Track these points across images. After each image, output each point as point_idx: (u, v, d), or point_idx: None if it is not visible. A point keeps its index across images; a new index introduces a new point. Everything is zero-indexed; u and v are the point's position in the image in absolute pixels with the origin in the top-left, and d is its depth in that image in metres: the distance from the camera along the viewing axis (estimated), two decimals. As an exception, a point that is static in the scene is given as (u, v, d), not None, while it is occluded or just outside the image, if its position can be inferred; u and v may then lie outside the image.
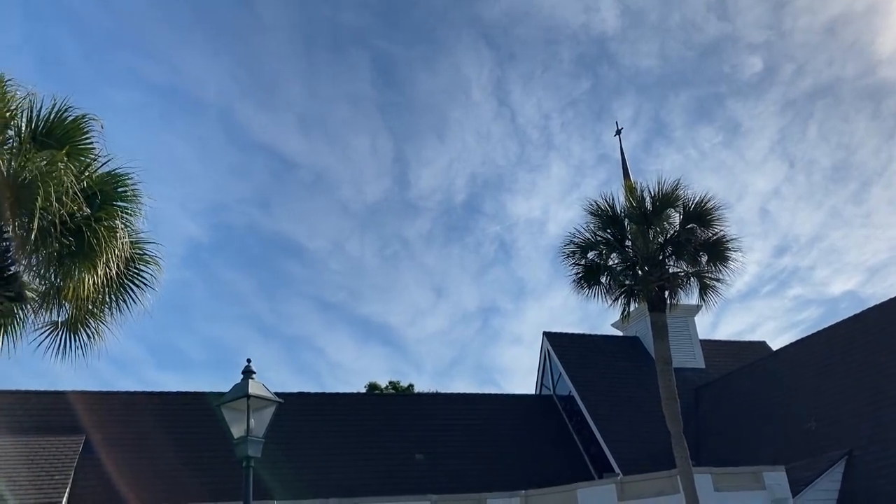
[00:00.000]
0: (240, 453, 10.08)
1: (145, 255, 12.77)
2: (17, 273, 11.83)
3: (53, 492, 20.24)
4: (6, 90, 11.49)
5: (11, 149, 11.39)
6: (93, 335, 12.92)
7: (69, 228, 11.23)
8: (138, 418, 24.74)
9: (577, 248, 18.88)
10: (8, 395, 24.40)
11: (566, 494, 22.16)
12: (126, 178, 12.25)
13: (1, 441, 22.14)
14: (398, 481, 24.17)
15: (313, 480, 23.11)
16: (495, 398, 30.66)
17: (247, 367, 10.62)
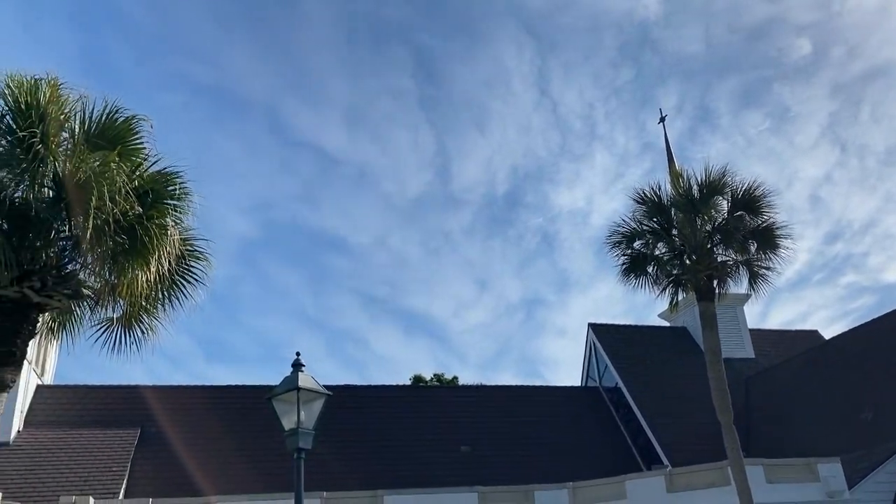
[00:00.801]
0: (291, 445, 10.23)
1: (196, 251, 13.04)
2: (73, 271, 12.19)
3: (112, 483, 20.87)
4: (60, 93, 11.84)
5: (66, 150, 11.73)
6: (147, 330, 13.26)
7: (122, 227, 11.52)
8: (191, 411, 25.32)
9: (623, 237, 18.66)
10: (67, 390, 25.22)
11: (614, 486, 22.01)
12: (176, 176, 12.51)
13: (61, 434, 22.91)
14: (444, 473, 24.29)
15: (362, 472, 23.37)
16: (540, 390, 30.56)
17: (296, 360, 10.76)
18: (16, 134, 11.25)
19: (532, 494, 22.20)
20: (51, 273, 11.74)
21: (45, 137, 11.14)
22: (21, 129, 11.17)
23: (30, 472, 20.93)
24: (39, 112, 11.25)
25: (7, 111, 11.50)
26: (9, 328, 11.51)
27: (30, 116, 11.18)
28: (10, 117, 11.48)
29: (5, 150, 11.35)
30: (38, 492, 19.96)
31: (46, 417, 23.73)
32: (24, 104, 11.30)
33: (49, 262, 11.80)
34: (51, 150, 11.24)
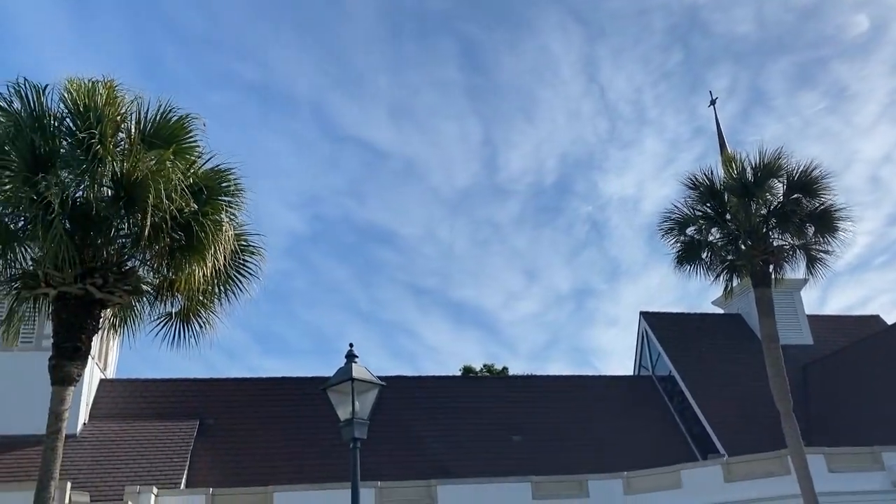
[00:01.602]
0: (346, 435, 10.37)
1: (249, 246, 13.32)
2: (133, 268, 12.58)
3: (173, 473, 21.46)
4: (116, 95, 12.18)
5: (123, 150, 12.07)
6: (204, 324, 13.61)
7: (179, 223, 11.84)
8: (247, 403, 25.85)
9: (676, 224, 18.38)
10: (128, 384, 26.00)
11: (670, 476, 21.75)
12: (228, 173, 12.79)
13: (124, 426, 23.65)
14: (497, 463, 24.30)
15: (414, 462, 23.55)
16: (592, 380, 30.30)
17: (349, 351, 10.89)
18: (76, 136, 11.65)
19: (586, 484, 22.08)
20: (112, 270, 12.13)
21: (102, 138, 11.48)
22: (80, 130, 11.55)
23: (96, 463, 21.65)
24: (97, 114, 11.60)
25: (67, 114, 11.91)
26: (73, 324, 11.94)
27: (88, 118, 11.55)
28: (69, 120, 11.88)
29: (66, 151, 11.76)
30: (105, 482, 20.63)
31: (110, 410, 24.51)
32: (82, 106, 11.68)
33: (110, 260, 12.20)
34: (108, 150, 11.59)
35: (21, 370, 21.61)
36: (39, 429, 20.42)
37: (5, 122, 11.64)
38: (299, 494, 20.20)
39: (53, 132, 11.80)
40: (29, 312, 12.81)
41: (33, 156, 11.39)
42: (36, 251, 11.89)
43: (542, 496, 21.66)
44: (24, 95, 11.68)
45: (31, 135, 11.46)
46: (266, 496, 20.02)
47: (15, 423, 21.62)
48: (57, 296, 11.76)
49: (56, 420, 11.43)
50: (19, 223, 11.87)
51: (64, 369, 11.62)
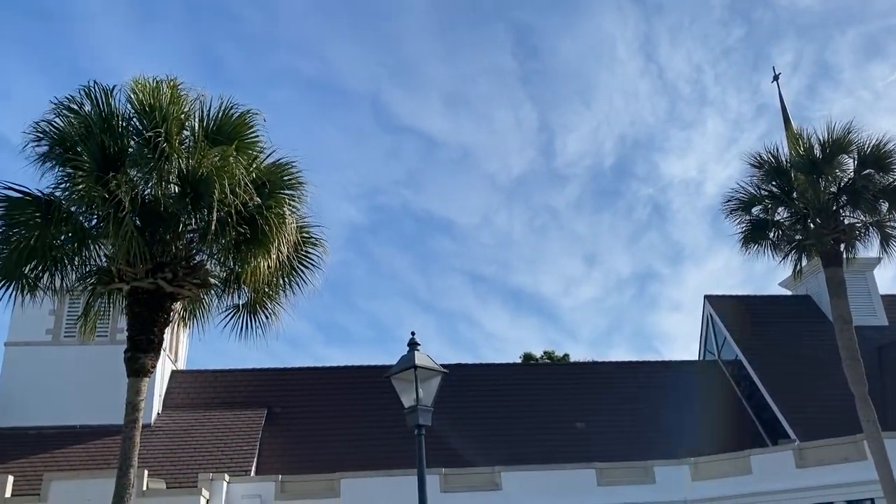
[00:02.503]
0: (411, 422, 10.44)
1: (312, 238, 13.54)
2: (201, 262, 12.92)
3: (243, 461, 22.07)
4: (179, 94, 12.49)
5: (188, 147, 12.38)
6: (270, 315, 13.91)
7: (243, 217, 12.09)
8: (313, 392, 26.37)
9: (741, 204, 17.88)
10: (198, 375, 26.81)
11: (739, 462, 21.31)
12: (290, 167, 12.99)
13: (195, 415, 24.41)
14: (560, 450, 24.22)
15: (478, 450, 23.63)
16: (656, 365, 29.85)
17: (412, 339, 10.95)
18: (143, 135, 12.00)
19: (651, 470, 21.83)
20: (181, 264, 12.49)
21: (168, 136, 11.80)
22: (147, 129, 11.89)
23: (170, 451, 22.44)
24: (162, 113, 11.92)
25: (134, 114, 12.26)
26: (146, 317, 12.35)
27: (154, 117, 11.88)
28: (136, 119, 12.24)
29: (134, 150, 12.12)
30: (179, 470, 21.36)
31: (181, 400, 25.33)
32: (147, 106, 12.01)
33: (178, 254, 12.56)
34: (174, 148, 11.90)
35: (98, 363, 22.52)
36: (116, 419, 21.35)
37: (77, 124, 12.06)
38: (365, 481, 20.52)
39: (122, 132, 12.18)
40: (103, 307, 13.31)
41: (104, 156, 11.79)
42: (109, 248, 12.31)
43: (606, 483, 21.50)
44: (93, 98, 12.07)
45: (101, 135, 11.84)
46: (333, 483, 20.40)
47: (93, 413, 22.58)
48: (130, 290, 12.18)
49: (133, 410, 11.86)
50: (92, 221, 12.31)
51: (139, 361, 12.05)
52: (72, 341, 23.59)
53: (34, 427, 22.49)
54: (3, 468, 20.02)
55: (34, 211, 11.84)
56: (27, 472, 19.86)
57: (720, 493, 21.12)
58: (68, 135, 11.97)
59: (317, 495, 20.16)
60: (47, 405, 22.87)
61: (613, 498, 21.18)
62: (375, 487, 20.40)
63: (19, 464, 20.72)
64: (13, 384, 23.19)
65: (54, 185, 12.07)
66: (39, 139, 12.17)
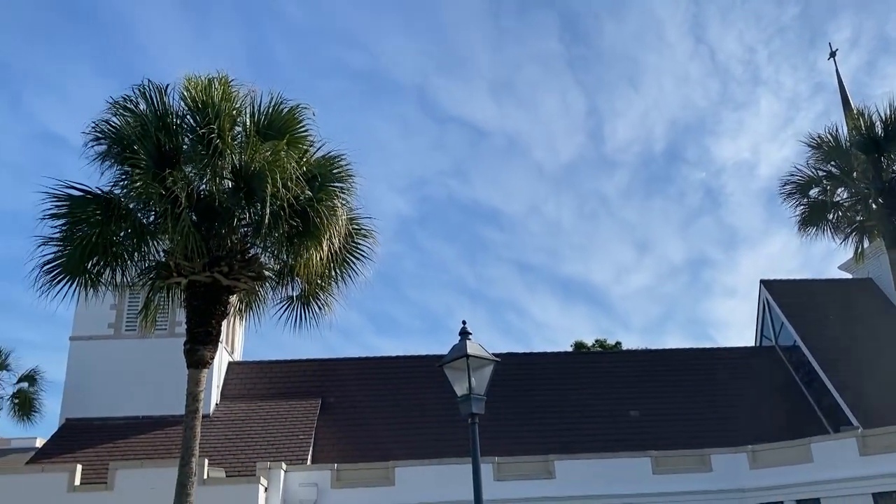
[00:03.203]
0: (464, 410, 10.47)
1: (362, 229, 13.67)
2: (256, 255, 13.18)
3: (300, 450, 22.46)
4: (230, 90, 12.71)
5: (240, 143, 12.60)
6: (322, 307, 14.10)
7: (295, 211, 12.28)
8: (365, 381, 26.65)
9: (798, 186, 17.43)
10: (254, 366, 27.34)
11: (799, 450, 20.81)
12: (339, 159, 13.14)
13: (252, 405, 24.92)
14: (614, 438, 24.02)
15: (531, 438, 23.60)
16: (711, 352, 29.31)
17: (463, 328, 10.95)
18: (196, 132, 12.26)
19: (708, 458, 21.48)
20: (236, 258, 12.76)
21: (221, 133, 12.02)
22: (200, 126, 12.14)
23: (228, 441, 22.96)
24: (215, 109, 12.16)
25: (187, 111, 12.53)
26: (204, 310, 12.65)
27: (207, 114, 12.12)
28: (190, 117, 12.50)
29: (189, 147, 12.40)
30: (238, 458, 21.85)
31: (238, 391, 25.88)
32: (200, 103, 12.25)
33: (234, 248, 12.82)
34: (227, 144, 12.13)
35: (158, 356, 23.15)
36: (176, 410, 21.96)
37: (133, 122, 12.38)
38: (419, 469, 20.68)
39: (176, 130, 12.46)
40: (163, 301, 13.67)
41: (159, 153, 12.09)
42: (167, 243, 12.64)
43: (662, 471, 21.25)
44: (148, 97, 12.37)
45: (156, 133, 12.14)
46: (388, 471, 20.61)
47: (155, 404, 23.27)
48: (188, 284, 12.48)
49: (193, 401, 12.18)
50: (150, 217, 12.64)
51: (198, 353, 12.35)
52: (132, 335, 24.32)
53: (99, 418, 23.28)
54: (72, 457, 20.78)
55: (95, 209, 12.22)
56: (94, 462, 20.56)
57: (780, 482, 20.68)
58: (125, 133, 12.30)
59: (372, 483, 20.41)
60: (111, 397, 23.62)
61: (669, 486, 20.93)
62: (429, 475, 20.55)
63: (86, 453, 21.47)
64: (78, 377, 24.01)
65: (113, 183, 12.46)
66: (98, 138, 12.54)
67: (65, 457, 21.12)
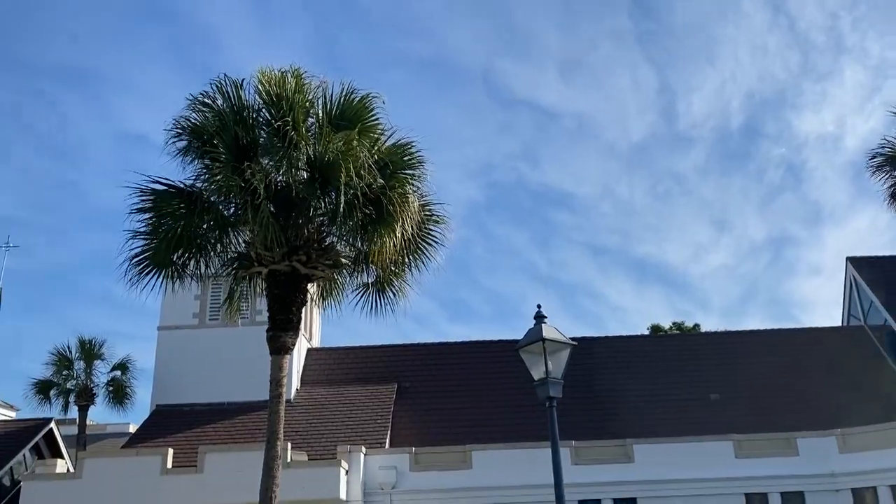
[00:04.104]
0: (541, 394, 10.44)
1: (434, 216, 13.76)
2: (332, 243, 13.44)
3: (378, 434, 22.88)
4: (303, 82, 12.94)
5: (314, 134, 12.84)
6: (397, 293, 14.29)
7: (369, 199, 12.45)
8: (440, 366, 26.91)
9: (887, 159, 16.62)
10: (331, 352, 27.97)
11: (892, 433, 19.95)
12: (409, 147, 13.23)
13: (331, 391, 25.51)
14: (695, 422, 23.52)
15: (608, 422, 23.38)
16: (795, 332, 28.31)
17: (538, 312, 10.91)
18: (272, 125, 12.54)
19: (794, 442, 20.84)
20: (313, 247, 13.05)
21: (295, 125, 12.27)
22: (275, 119, 12.42)
23: (310, 425, 23.59)
24: (289, 102, 12.40)
25: (262, 105, 12.83)
26: (284, 298, 13.00)
27: (281, 107, 12.38)
28: (265, 110, 12.80)
29: (265, 140, 12.71)
30: (319, 442, 22.43)
31: (317, 377, 26.53)
32: (275, 96, 12.52)
33: (311, 237, 13.11)
34: (301, 135, 12.37)
35: (240, 343, 23.93)
36: (257, 396, 22.68)
37: (211, 117, 12.77)
38: (496, 453, 20.78)
39: (252, 123, 12.79)
40: (245, 290, 14.11)
41: (237, 146, 12.43)
42: (247, 234, 13.02)
43: (745, 455, 20.73)
44: (225, 92, 12.73)
45: (233, 127, 12.48)
46: (465, 454, 20.79)
47: (238, 390, 24.08)
48: (268, 273, 12.85)
49: (276, 386, 12.55)
50: (231, 209, 13.04)
51: (280, 340, 12.72)
52: (216, 324, 25.20)
53: (187, 404, 24.26)
54: (164, 442, 21.75)
55: (179, 202, 12.69)
56: (183, 446, 21.46)
57: (871, 467, 19.89)
58: (204, 128, 12.70)
59: (449, 466, 20.63)
60: (197, 384, 24.57)
61: (754, 470, 20.41)
62: (505, 459, 20.63)
63: (176, 438, 22.43)
64: (167, 365, 25.07)
65: (195, 177, 12.89)
66: (179, 134, 13.00)
67: (156, 441, 22.12)
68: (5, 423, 25.05)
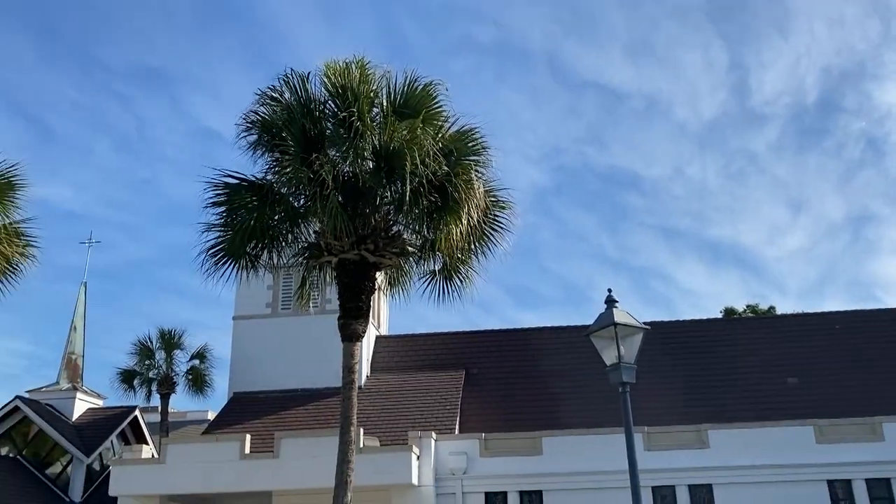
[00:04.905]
0: (614, 379, 10.34)
1: (499, 201, 13.73)
2: (398, 231, 13.57)
3: (447, 420, 23.06)
4: (367, 73, 13.06)
5: (378, 123, 12.96)
6: (463, 280, 14.34)
7: (434, 186, 12.51)
8: (507, 353, 26.91)
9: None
10: (399, 339, 28.30)
11: None
12: (473, 133, 13.23)
13: (400, 377, 25.83)
14: (771, 407, 22.89)
15: (681, 407, 22.96)
16: (879, 314, 27.15)
17: (609, 296, 10.78)
18: (338, 116, 12.72)
19: (879, 427, 20.03)
20: (380, 235, 13.21)
21: (361, 115, 12.41)
22: (341, 110, 12.59)
23: (380, 411, 23.95)
24: (354, 93, 12.55)
25: (328, 97, 13.02)
26: (354, 286, 13.21)
27: (347, 98, 12.54)
28: (331, 102, 12.99)
29: (331, 131, 12.89)
30: (390, 428, 22.76)
31: (386, 364, 26.89)
32: (340, 88, 12.69)
33: (378, 226, 13.27)
34: (367, 125, 12.51)
35: (311, 332, 24.46)
36: (329, 382, 23.15)
37: (279, 111, 13.04)
38: (567, 439, 20.67)
39: (319, 115, 13.00)
40: (316, 279, 14.41)
41: (305, 139, 12.65)
42: (316, 224, 13.27)
43: (827, 440, 20.05)
44: (292, 85, 12.97)
45: (301, 119, 12.71)
46: (535, 441, 20.75)
47: (310, 378, 24.65)
48: (338, 262, 13.08)
49: (349, 373, 12.78)
50: (300, 201, 13.31)
51: (351, 327, 12.95)
52: (287, 313, 25.83)
53: (263, 391, 24.96)
54: (241, 428, 22.44)
55: (251, 195, 13.03)
56: (260, 432, 22.10)
57: (965, 453, 18.98)
58: (273, 122, 12.98)
59: (519, 453, 20.63)
60: (271, 372, 25.25)
61: (835, 456, 19.72)
62: (576, 445, 20.50)
63: (253, 424, 23.12)
64: (242, 354, 25.84)
65: (266, 170, 13.20)
66: (249, 129, 13.32)
67: (234, 427, 22.84)
68: (94, 411, 26.28)
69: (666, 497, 19.98)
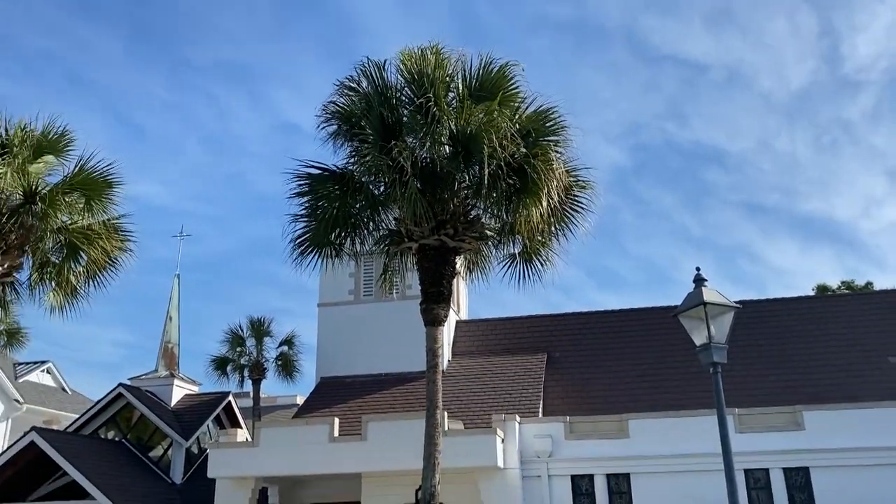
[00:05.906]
0: (704, 360, 10.08)
1: (579, 181, 13.55)
2: (477, 216, 13.60)
3: (531, 403, 23.03)
4: (442, 58, 13.08)
5: (455, 108, 12.97)
6: (543, 263, 14.25)
7: (512, 168, 12.46)
8: (589, 335, 26.62)
9: None
10: (480, 324, 28.38)
11: None
12: (551, 112, 13.07)
13: (481, 361, 25.94)
14: (870, 387, 21.87)
15: (773, 388, 22.24)
16: None
17: (697, 275, 10.50)
18: (414, 102, 12.81)
19: None
20: (459, 220, 13.27)
21: (437, 100, 12.46)
22: (417, 97, 12.66)
23: (463, 394, 24.14)
24: (429, 79, 12.61)
25: (404, 84, 13.12)
26: (434, 272, 13.33)
27: (423, 84, 12.61)
28: (407, 89, 13.08)
29: (408, 118, 13.00)
30: (473, 412, 22.92)
31: (467, 348, 27.03)
32: (416, 74, 12.77)
33: (456, 211, 13.33)
34: (443, 110, 12.55)
35: (393, 317, 24.85)
36: (412, 367, 23.48)
37: (357, 101, 13.23)
38: (653, 422, 20.29)
39: (396, 103, 13.13)
40: (398, 265, 14.60)
41: (383, 126, 12.81)
42: (396, 211, 13.44)
43: (933, 422, 19.00)
44: (369, 75, 13.15)
45: (379, 108, 12.87)
46: (621, 423, 20.47)
47: (393, 362, 25.07)
48: (418, 248, 13.23)
49: (433, 356, 12.93)
50: (380, 188, 13.50)
51: (433, 312, 13.08)
52: (370, 299, 26.30)
53: (349, 376, 25.55)
54: (329, 412, 23.03)
55: (333, 185, 13.30)
56: (347, 415, 22.63)
57: None
58: (352, 112, 13.20)
59: (604, 435, 20.39)
60: (356, 357, 25.80)
61: (943, 439, 18.68)
62: (663, 428, 20.09)
63: (340, 408, 23.69)
64: (327, 340, 26.48)
65: (346, 160, 13.44)
66: (328, 119, 13.58)
67: (322, 411, 23.46)
68: (190, 397, 27.45)
69: (759, 480, 19.40)
